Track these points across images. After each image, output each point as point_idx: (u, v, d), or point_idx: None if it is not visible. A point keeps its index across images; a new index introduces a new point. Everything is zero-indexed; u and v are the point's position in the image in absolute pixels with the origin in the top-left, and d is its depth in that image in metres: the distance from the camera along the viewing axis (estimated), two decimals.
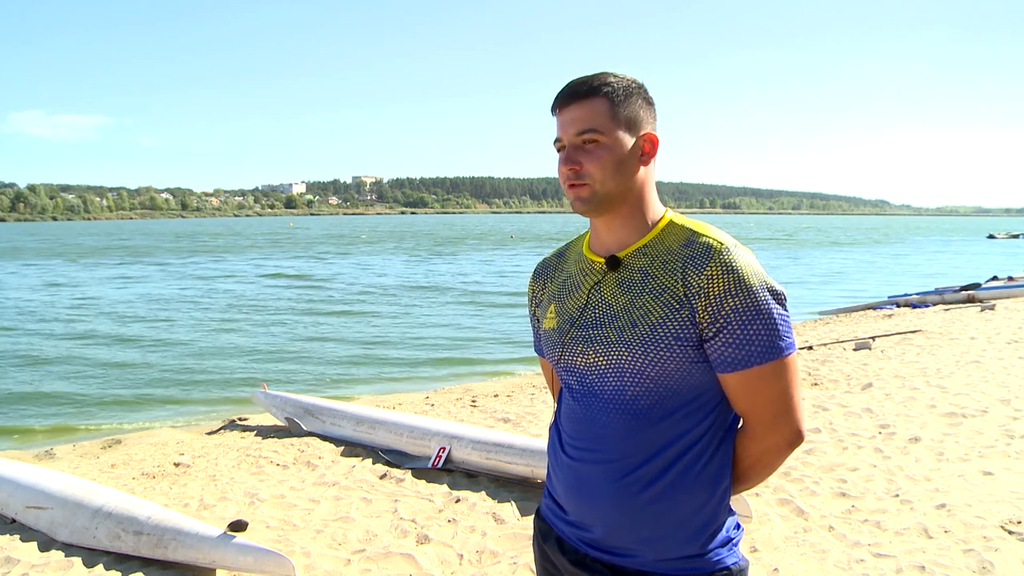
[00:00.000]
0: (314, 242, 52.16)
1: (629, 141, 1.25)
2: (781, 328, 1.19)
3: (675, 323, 1.20)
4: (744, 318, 1.17)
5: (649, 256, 1.26)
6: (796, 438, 1.26)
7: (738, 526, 1.32)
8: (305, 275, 25.46)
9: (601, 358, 1.25)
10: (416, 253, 39.11)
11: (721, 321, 1.18)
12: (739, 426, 1.29)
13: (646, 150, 1.28)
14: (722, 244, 1.21)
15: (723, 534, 1.27)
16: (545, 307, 1.41)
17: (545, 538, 1.39)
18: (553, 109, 1.29)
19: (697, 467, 1.23)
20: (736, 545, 1.29)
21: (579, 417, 1.30)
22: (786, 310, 1.22)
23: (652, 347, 1.20)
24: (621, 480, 1.24)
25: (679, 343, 1.20)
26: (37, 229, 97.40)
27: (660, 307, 1.21)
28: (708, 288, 1.17)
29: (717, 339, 1.19)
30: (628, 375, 1.22)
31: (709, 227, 1.25)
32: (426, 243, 50.18)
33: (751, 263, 1.19)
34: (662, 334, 1.20)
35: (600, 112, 1.24)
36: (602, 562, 1.28)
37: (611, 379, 1.24)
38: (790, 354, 1.21)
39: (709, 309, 1.18)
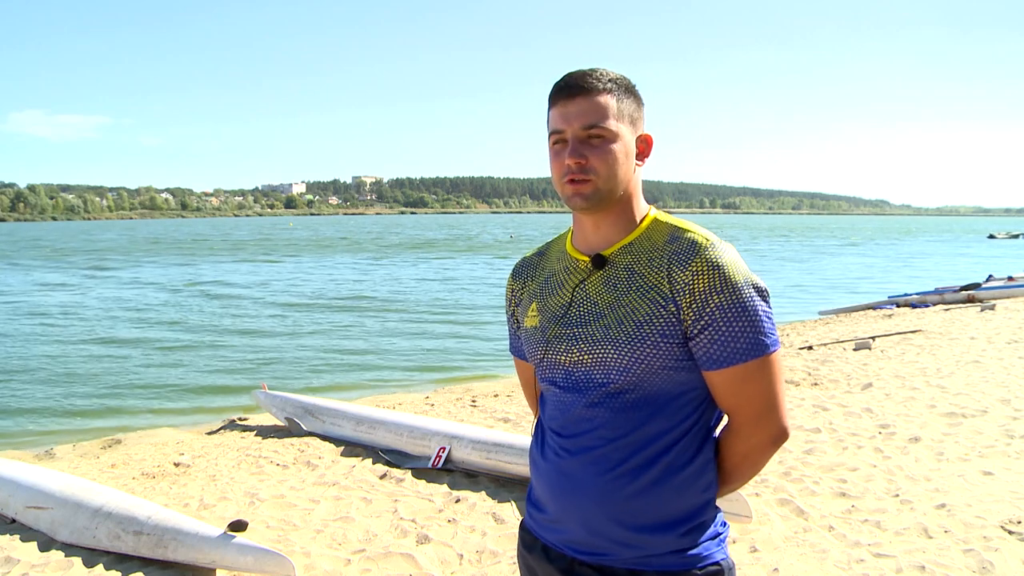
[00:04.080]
0: (312, 244, 52.13)
1: (631, 139, 1.26)
2: (765, 325, 1.19)
3: (661, 320, 1.20)
4: (729, 315, 1.17)
5: (635, 254, 1.26)
6: (781, 435, 1.25)
7: (724, 523, 1.31)
8: (307, 277, 25.46)
9: (587, 356, 1.25)
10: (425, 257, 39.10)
11: (706, 318, 1.18)
12: (724, 424, 1.29)
13: (640, 149, 1.29)
14: (707, 240, 1.21)
15: (711, 529, 1.27)
16: (526, 306, 1.40)
17: (530, 549, 1.37)
18: (553, 101, 1.26)
19: (681, 462, 1.23)
20: (724, 541, 1.29)
21: (565, 411, 1.29)
22: (770, 307, 1.21)
23: (638, 344, 1.20)
24: (606, 473, 1.24)
25: (665, 340, 1.20)
26: (32, 229, 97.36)
27: (646, 304, 1.21)
28: (693, 284, 1.18)
29: (702, 336, 1.19)
30: (614, 372, 1.22)
31: (692, 224, 1.26)
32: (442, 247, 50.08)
33: (735, 260, 1.19)
34: (648, 331, 1.20)
35: (607, 108, 1.23)
36: (590, 564, 1.26)
37: (597, 375, 1.24)
38: (775, 351, 1.21)
39: (694, 306, 1.18)
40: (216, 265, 30.41)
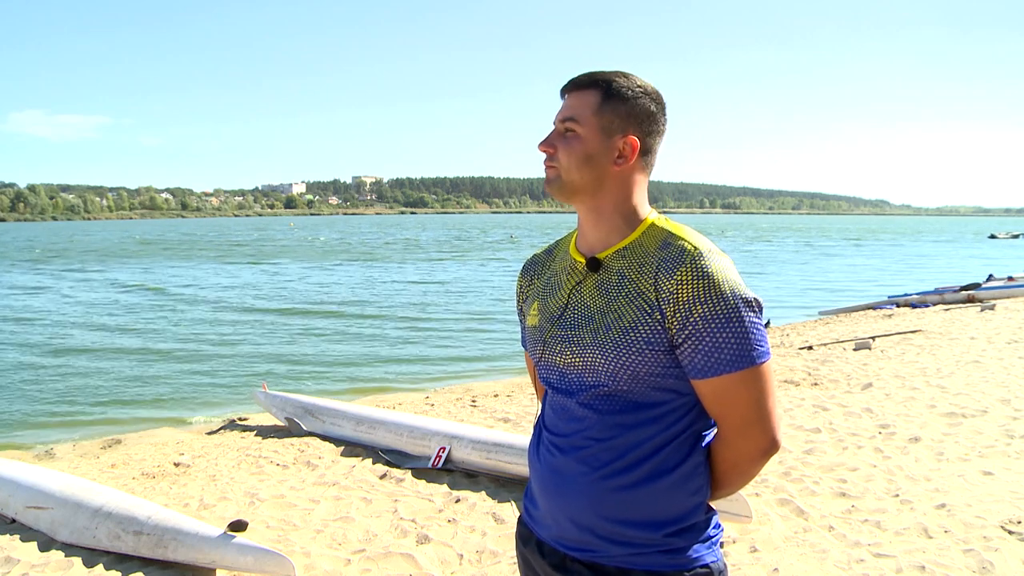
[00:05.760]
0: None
1: (604, 139, 1.26)
2: (752, 337, 1.18)
3: (646, 328, 1.19)
4: (713, 326, 1.16)
5: (627, 258, 1.26)
6: (770, 447, 1.24)
7: (718, 525, 1.31)
8: (304, 279, 25.47)
9: (578, 359, 1.26)
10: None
11: (690, 328, 1.17)
12: (715, 431, 1.29)
13: (624, 152, 1.27)
14: (696, 249, 1.19)
15: (702, 532, 1.27)
16: (530, 304, 1.42)
17: (525, 543, 1.39)
18: (561, 95, 1.32)
19: (669, 466, 1.23)
20: (715, 544, 1.29)
21: (559, 410, 1.31)
22: (760, 318, 1.20)
23: (624, 351, 1.20)
24: (594, 472, 1.25)
25: (650, 348, 1.19)
26: (33, 229, 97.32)
27: (633, 311, 1.21)
28: (678, 293, 1.17)
29: (686, 345, 1.18)
30: (603, 376, 1.23)
31: (689, 231, 1.24)
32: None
33: (724, 270, 1.18)
34: (633, 338, 1.20)
35: (586, 104, 1.26)
36: (581, 561, 1.27)
37: (588, 378, 1.26)
38: (762, 363, 1.19)
39: (678, 315, 1.17)
40: (215, 267, 30.41)
